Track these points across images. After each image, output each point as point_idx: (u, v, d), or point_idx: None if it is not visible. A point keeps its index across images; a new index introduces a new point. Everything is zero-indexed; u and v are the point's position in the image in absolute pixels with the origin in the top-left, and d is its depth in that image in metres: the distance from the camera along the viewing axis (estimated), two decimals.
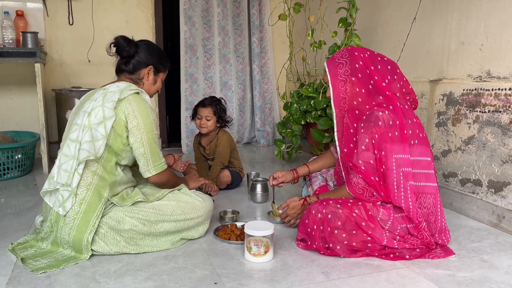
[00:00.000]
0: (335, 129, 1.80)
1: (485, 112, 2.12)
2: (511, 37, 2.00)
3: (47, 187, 1.69)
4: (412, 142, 1.71)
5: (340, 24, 2.88)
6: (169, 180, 1.89)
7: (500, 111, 2.04)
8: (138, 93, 1.78)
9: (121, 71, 1.88)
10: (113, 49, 1.85)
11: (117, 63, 1.89)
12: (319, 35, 3.29)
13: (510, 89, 1.99)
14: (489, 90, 2.10)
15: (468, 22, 2.24)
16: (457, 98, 2.29)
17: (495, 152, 2.07)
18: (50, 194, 1.71)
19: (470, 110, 2.21)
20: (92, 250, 1.68)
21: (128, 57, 1.84)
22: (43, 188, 1.71)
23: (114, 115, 1.69)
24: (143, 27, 3.87)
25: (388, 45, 2.86)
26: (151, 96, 1.94)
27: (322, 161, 2.15)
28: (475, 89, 2.18)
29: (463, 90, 2.25)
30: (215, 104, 2.62)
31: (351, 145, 1.74)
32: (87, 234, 1.65)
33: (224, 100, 2.71)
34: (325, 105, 3.01)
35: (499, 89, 2.05)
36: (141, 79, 1.88)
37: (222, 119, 2.65)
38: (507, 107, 2.01)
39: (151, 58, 1.88)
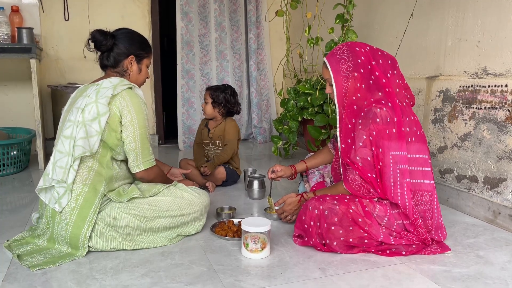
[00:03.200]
0: (337, 125, 1.80)
1: (481, 108, 2.13)
2: (508, 33, 2.01)
3: (42, 184, 1.68)
4: (409, 140, 1.71)
5: (337, 21, 2.87)
6: (156, 178, 1.86)
7: (496, 108, 2.05)
8: (131, 88, 1.76)
9: (105, 66, 1.84)
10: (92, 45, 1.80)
11: (99, 58, 1.84)
12: (316, 32, 3.28)
13: (506, 85, 2.00)
14: (485, 86, 2.10)
15: (465, 19, 2.24)
16: (454, 94, 2.29)
17: (491, 149, 2.08)
18: (46, 191, 1.70)
19: (466, 107, 2.22)
20: (88, 246, 1.67)
21: (108, 51, 1.80)
22: (38, 185, 1.70)
23: (108, 111, 1.67)
24: (139, 23, 3.85)
25: (385, 41, 2.86)
26: (141, 85, 1.91)
27: (320, 158, 2.16)
28: (472, 86, 2.18)
29: (460, 86, 2.25)
30: (213, 89, 2.69)
31: (349, 141, 1.74)
32: (84, 230, 1.65)
33: (232, 89, 2.72)
34: (322, 102, 3.01)
35: (495, 85, 2.06)
36: (126, 71, 1.84)
37: (221, 104, 2.67)
38: (503, 104, 2.01)
39: (131, 47, 1.82)
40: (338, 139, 1.79)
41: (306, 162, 2.16)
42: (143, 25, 3.87)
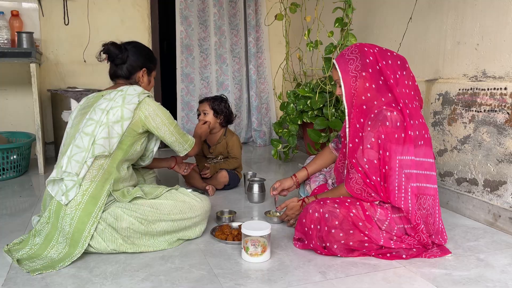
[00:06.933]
0: (347, 125, 1.79)
1: (480, 111, 2.13)
2: (506, 36, 2.01)
3: (55, 175, 1.71)
4: (419, 143, 1.70)
5: (336, 24, 2.88)
6: (199, 144, 2.25)
7: (495, 111, 2.05)
8: (149, 96, 1.87)
9: (116, 77, 1.95)
10: (103, 56, 1.91)
11: (111, 68, 1.95)
12: (315, 35, 3.29)
13: (505, 88, 2.00)
14: (484, 89, 2.11)
15: (464, 22, 2.24)
16: (453, 97, 2.30)
17: (490, 151, 2.08)
18: (53, 183, 1.73)
19: (466, 110, 2.22)
20: (89, 245, 1.68)
21: (122, 63, 1.91)
22: (50, 176, 1.72)
23: (132, 117, 1.77)
24: (138, 27, 3.86)
25: (384, 45, 2.84)
26: None
27: (321, 161, 2.14)
28: (471, 89, 2.19)
29: (459, 89, 2.26)
30: (211, 99, 2.66)
31: (356, 140, 1.74)
32: (89, 225, 1.67)
33: (226, 98, 2.71)
34: (321, 105, 3.02)
35: (494, 88, 2.06)
36: (137, 82, 1.96)
37: (221, 113, 2.64)
38: (503, 107, 2.01)
39: (143, 60, 1.97)
40: (348, 139, 1.78)
41: (307, 168, 2.14)
42: (142, 29, 3.88)
